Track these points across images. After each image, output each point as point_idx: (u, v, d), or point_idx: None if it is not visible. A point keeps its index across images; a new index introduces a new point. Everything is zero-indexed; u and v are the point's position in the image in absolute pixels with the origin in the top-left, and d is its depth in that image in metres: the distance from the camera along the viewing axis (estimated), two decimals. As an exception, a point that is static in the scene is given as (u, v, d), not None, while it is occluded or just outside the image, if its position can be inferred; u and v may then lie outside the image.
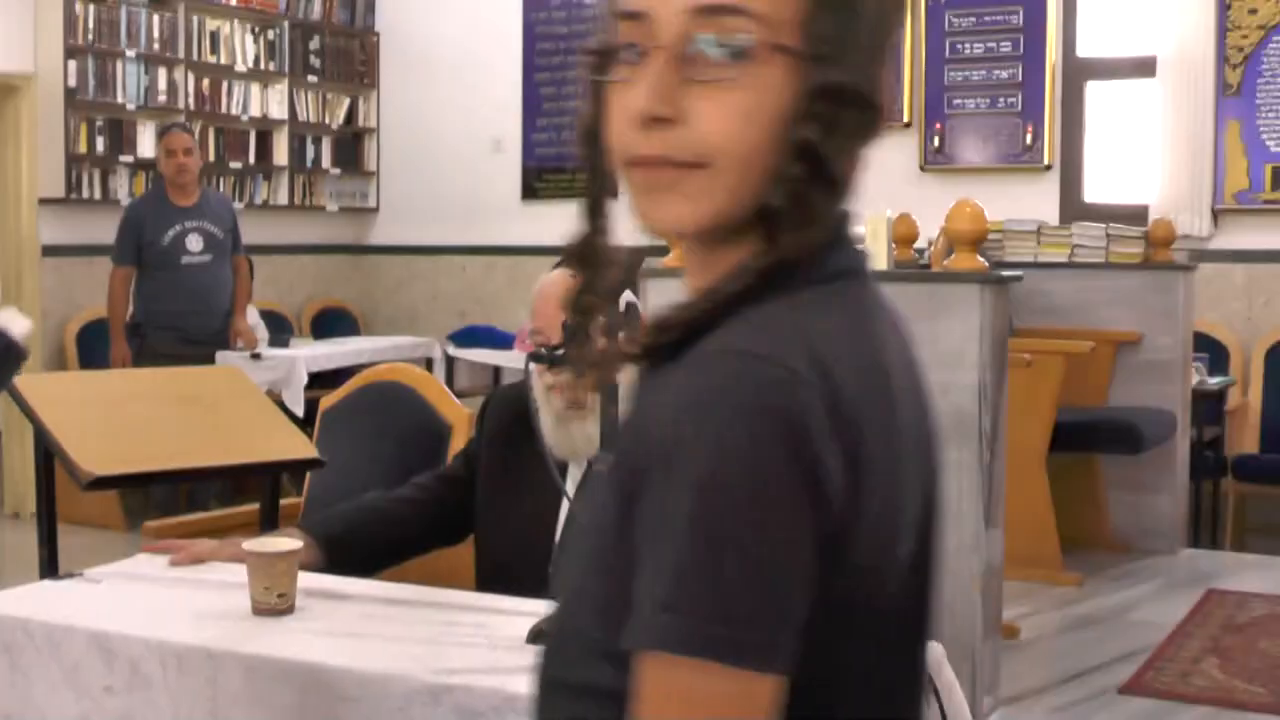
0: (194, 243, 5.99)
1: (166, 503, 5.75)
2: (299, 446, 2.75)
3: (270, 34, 7.83)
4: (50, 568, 2.57)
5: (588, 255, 1.05)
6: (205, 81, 7.45)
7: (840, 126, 0.95)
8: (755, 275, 0.94)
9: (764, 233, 0.95)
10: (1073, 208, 6.63)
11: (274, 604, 2.01)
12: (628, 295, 2.23)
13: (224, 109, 7.55)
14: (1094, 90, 6.74)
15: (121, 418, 2.68)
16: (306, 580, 2.09)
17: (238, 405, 2.85)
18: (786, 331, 0.92)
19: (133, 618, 2.00)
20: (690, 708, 0.87)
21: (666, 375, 0.93)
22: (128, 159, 7.00)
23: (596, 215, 1.05)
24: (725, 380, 0.89)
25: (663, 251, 4.28)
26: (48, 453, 2.61)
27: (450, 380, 7.31)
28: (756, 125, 0.93)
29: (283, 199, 7.95)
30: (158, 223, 5.99)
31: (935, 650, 1.80)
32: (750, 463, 0.87)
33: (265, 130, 7.86)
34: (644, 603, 0.88)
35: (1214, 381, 5.83)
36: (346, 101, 8.26)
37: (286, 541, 2.09)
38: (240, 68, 7.61)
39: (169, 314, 5.93)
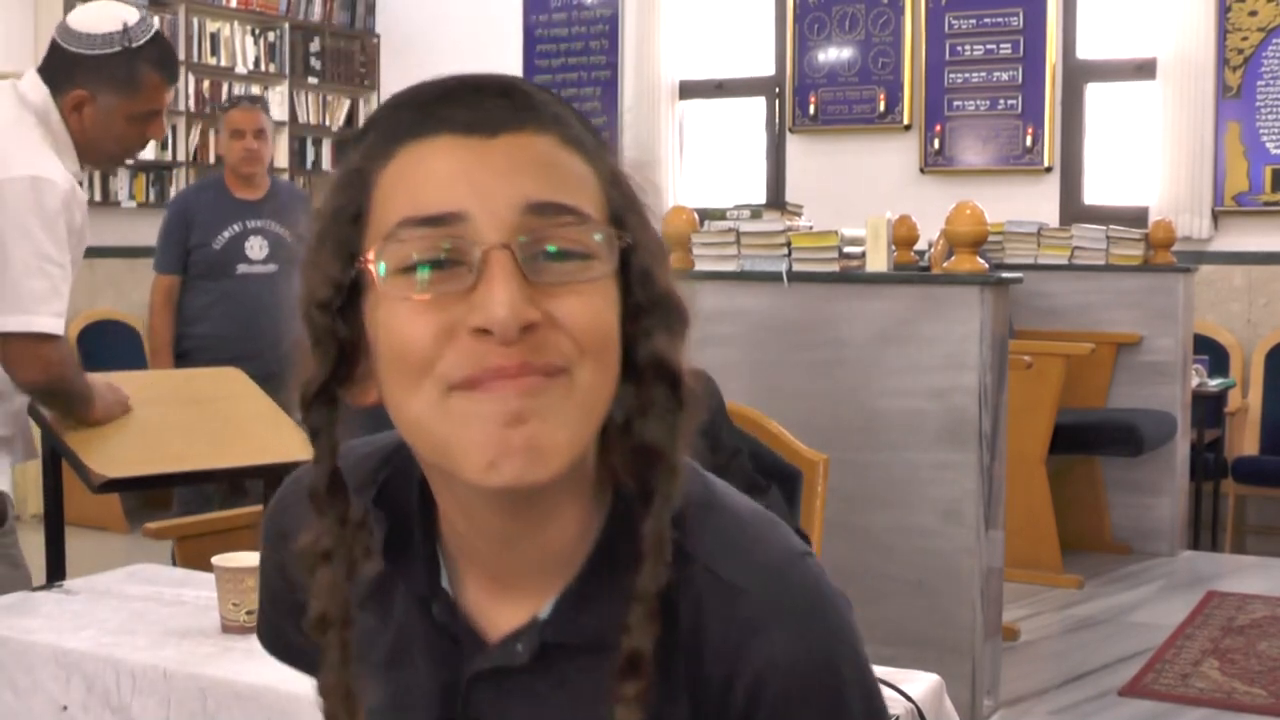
0: (256, 248, 4.67)
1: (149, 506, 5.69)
2: (303, 448, 2.76)
3: (270, 36, 7.83)
4: (56, 571, 2.57)
5: (342, 548, 0.88)
6: (206, 83, 7.45)
7: (679, 338, 0.86)
8: (666, 520, 0.84)
9: (641, 481, 0.85)
10: (1073, 209, 6.64)
11: (243, 621, 1.91)
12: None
13: (224, 111, 7.55)
14: (1094, 92, 6.74)
15: (128, 420, 2.68)
16: None
17: (242, 407, 2.86)
18: (765, 523, 0.90)
19: (97, 634, 1.95)
20: None
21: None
22: (128, 160, 7.00)
23: (338, 489, 0.89)
24: (806, 587, 0.87)
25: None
26: (54, 455, 2.61)
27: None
28: (612, 324, 0.83)
29: (283, 201, 7.96)
30: (212, 220, 4.68)
31: (933, 681, 1.80)
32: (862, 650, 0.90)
33: (266, 132, 7.86)
34: None
35: (1214, 383, 5.83)
36: (347, 103, 8.27)
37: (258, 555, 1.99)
38: (240, 69, 7.61)
39: (215, 340, 4.48)
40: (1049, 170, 6.71)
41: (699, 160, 7.64)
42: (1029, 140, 6.70)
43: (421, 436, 0.83)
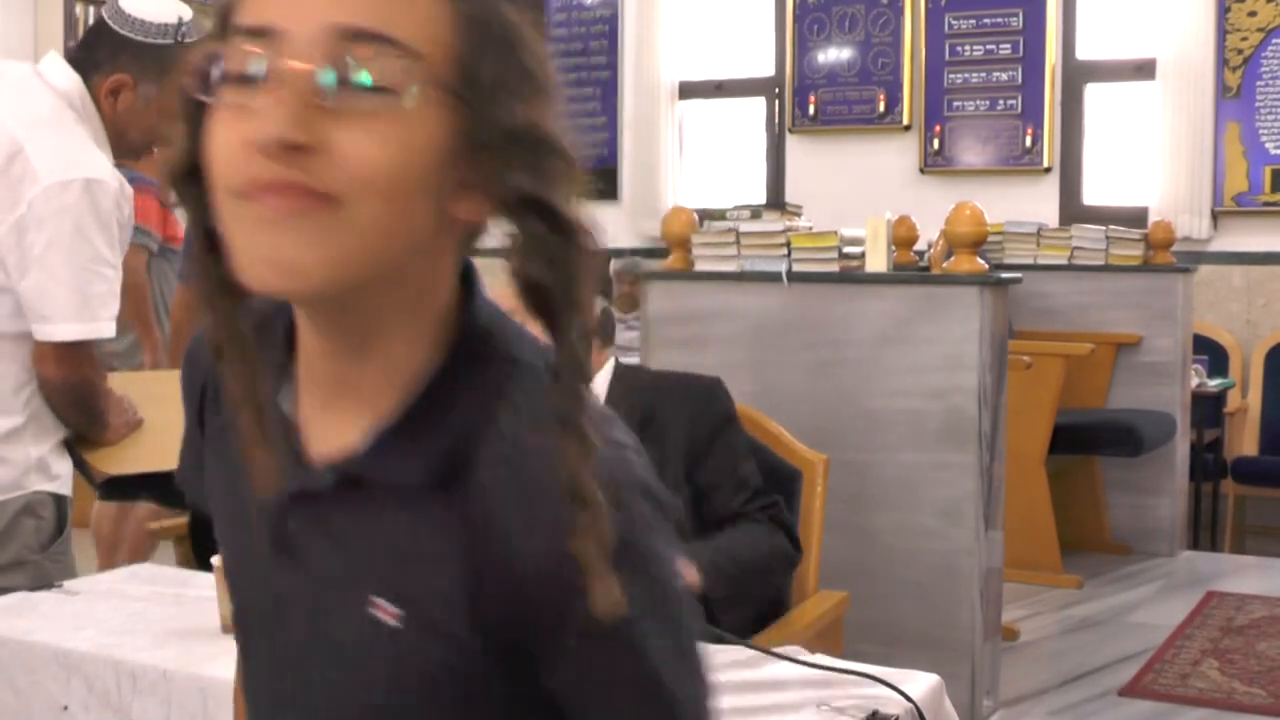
0: None
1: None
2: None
3: (270, 36, 7.84)
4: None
5: (218, 291, 0.88)
6: (205, 83, 7.46)
7: (550, 174, 0.82)
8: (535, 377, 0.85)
9: (542, 318, 0.83)
10: (1072, 210, 6.64)
11: None
12: (599, 301, 2.19)
13: (224, 111, 7.55)
14: (1093, 92, 6.74)
15: None
16: None
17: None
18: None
19: (97, 634, 1.95)
20: None
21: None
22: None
23: (214, 250, 0.86)
24: (630, 476, 0.84)
25: (662, 254, 4.28)
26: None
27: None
28: (407, 164, 0.80)
29: (283, 201, 7.95)
30: None
31: (933, 681, 1.80)
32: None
33: (265, 132, 7.85)
34: (691, 699, 0.87)
35: (1213, 384, 5.84)
36: (347, 103, 8.26)
37: None
38: (240, 69, 7.61)
39: None
40: (1048, 170, 6.71)
41: (699, 160, 7.65)
42: (1028, 140, 6.70)
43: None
